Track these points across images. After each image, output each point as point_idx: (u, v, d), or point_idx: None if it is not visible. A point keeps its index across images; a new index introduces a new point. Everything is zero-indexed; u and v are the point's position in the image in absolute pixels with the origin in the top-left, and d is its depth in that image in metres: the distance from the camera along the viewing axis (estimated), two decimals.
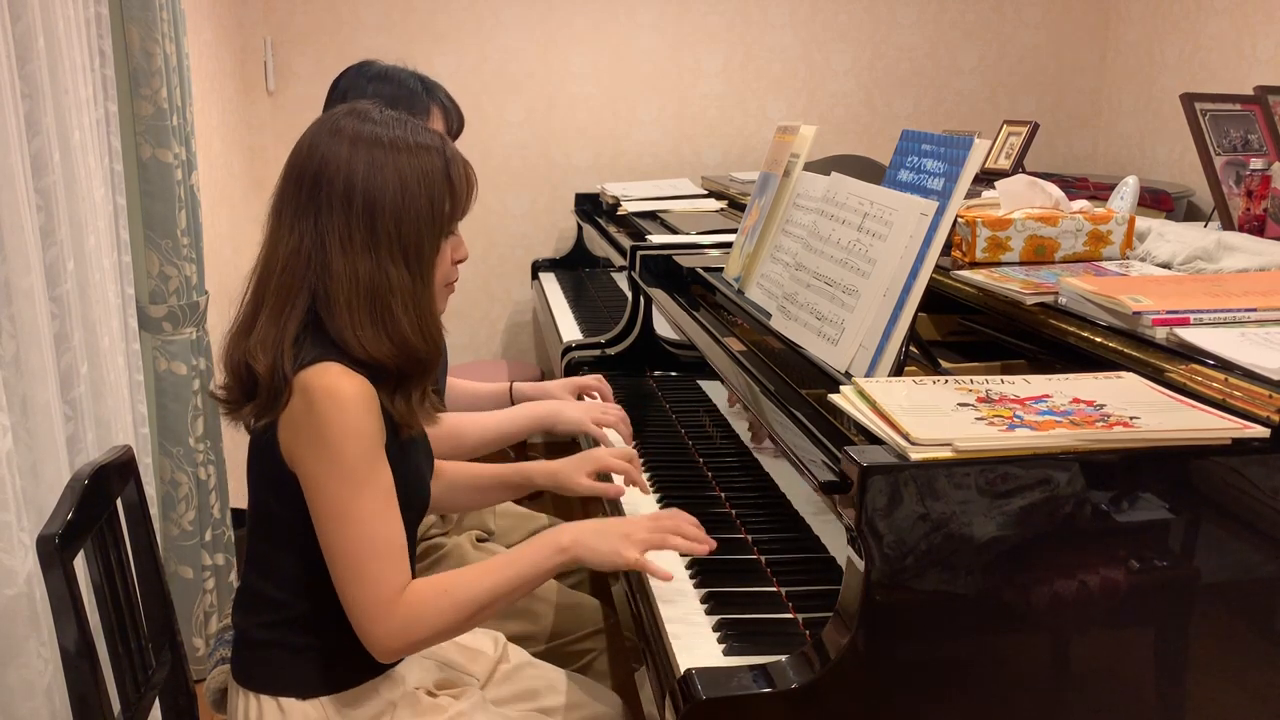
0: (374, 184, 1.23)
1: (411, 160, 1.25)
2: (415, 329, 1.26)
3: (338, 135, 1.25)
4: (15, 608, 1.62)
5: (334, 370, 1.21)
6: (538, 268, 3.73)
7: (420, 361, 1.28)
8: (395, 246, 1.24)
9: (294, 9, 3.57)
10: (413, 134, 1.27)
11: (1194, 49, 3.46)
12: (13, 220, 1.64)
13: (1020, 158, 3.19)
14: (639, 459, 1.67)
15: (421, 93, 1.79)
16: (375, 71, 1.81)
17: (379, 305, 1.24)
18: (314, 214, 1.24)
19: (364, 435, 1.21)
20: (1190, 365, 1.18)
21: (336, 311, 1.23)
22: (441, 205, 1.27)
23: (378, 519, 1.21)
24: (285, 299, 1.24)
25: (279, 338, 1.22)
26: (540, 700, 1.54)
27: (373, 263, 1.23)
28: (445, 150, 1.29)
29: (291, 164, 1.27)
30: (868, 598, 1.03)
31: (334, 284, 1.23)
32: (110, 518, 1.43)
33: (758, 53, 3.83)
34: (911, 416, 1.06)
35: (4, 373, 1.64)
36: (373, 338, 1.23)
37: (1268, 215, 1.70)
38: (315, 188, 1.24)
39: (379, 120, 1.27)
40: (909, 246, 1.31)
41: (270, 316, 1.24)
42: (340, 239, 1.23)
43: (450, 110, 1.81)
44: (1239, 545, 1.10)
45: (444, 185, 1.27)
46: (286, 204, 1.26)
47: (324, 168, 1.24)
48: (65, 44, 1.82)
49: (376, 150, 1.24)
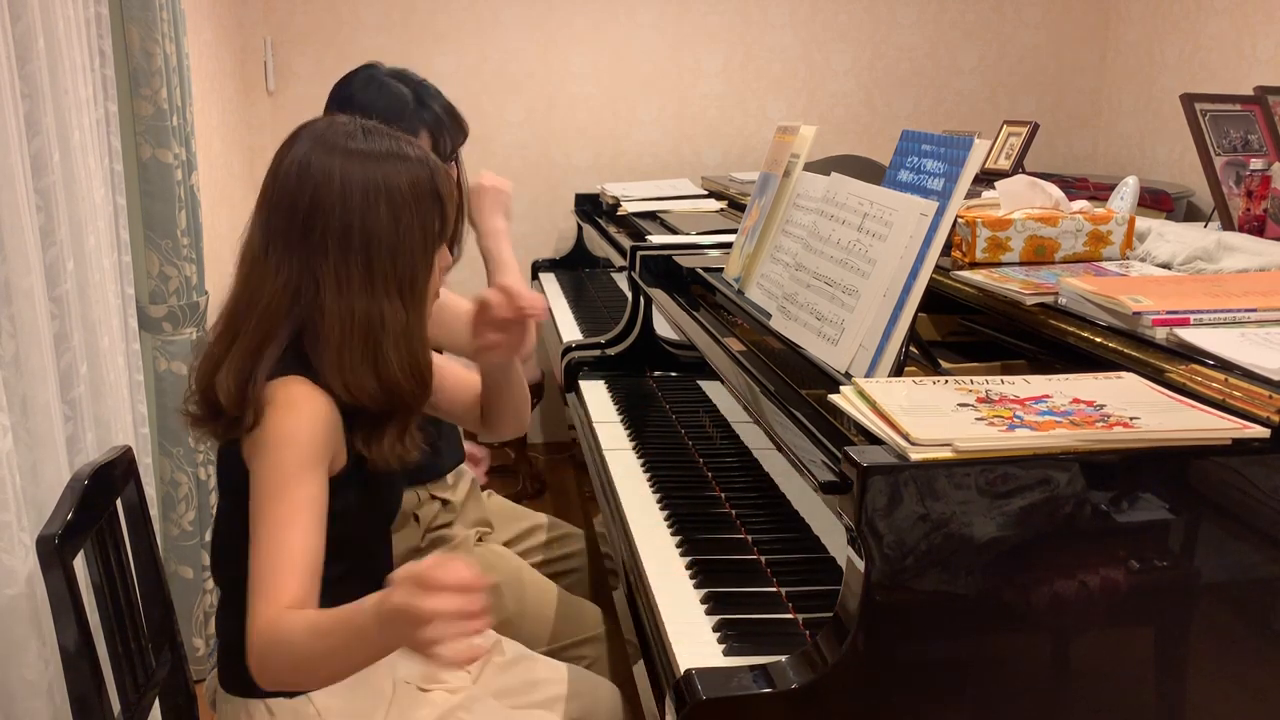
0: (369, 218, 1.20)
1: (403, 182, 1.21)
2: (404, 367, 1.23)
3: (328, 158, 1.20)
4: (15, 608, 1.62)
5: (299, 383, 1.19)
6: (538, 268, 3.73)
7: (405, 401, 1.25)
8: (391, 282, 1.21)
9: (294, 9, 3.57)
10: (399, 146, 1.24)
11: (1194, 49, 3.46)
12: (13, 220, 1.64)
13: (1020, 158, 3.19)
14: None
15: (412, 109, 1.72)
16: (367, 78, 1.76)
17: (371, 344, 1.21)
18: (305, 251, 1.20)
19: (301, 443, 1.17)
20: (1190, 365, 1.18)
21: (325, 351, 1.20)
22: (433, 225, 1.25)
23: (286, 528, 1.14)
24: (264, 335, 1.21)
25: (251, 368, 1.19)
26: (539, 693, 1.54)
27: (368, 301, 1.20)
28: (429, 161, 1.26)
29: (280, 191, 1.22)
30: (868, 598, 1.02)
31: (326, 324, 1.20)
32: (110, 518, 1.43)
33: (758, 53, 3.83)
34: (911, 417, 1.06)
35: (4, 373, 1.64)
36: (360, 378, 1.20)
37: (1268, 215, 1.70)
38: (309, 223, 1.20)
39: (366, 139, 1.23)
40: (909, 247, 1.31)
41: (246, 349, 1.20)
42: (337, 280, 1.20)
43: (443, 128, 1.75)
44: (1239, 545, 1.10)
45: (433, 203, 1.25)
46: (274, 236, 1.22)
47: (317, 200, 1.19)
48: (65, 44, 1.82)
49: (369, 175, 1.20)
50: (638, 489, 1.71)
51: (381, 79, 1.76)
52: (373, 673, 1.35)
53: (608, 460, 1.84)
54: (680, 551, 1.46)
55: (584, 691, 1.58)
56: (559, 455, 3.96)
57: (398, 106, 1.71)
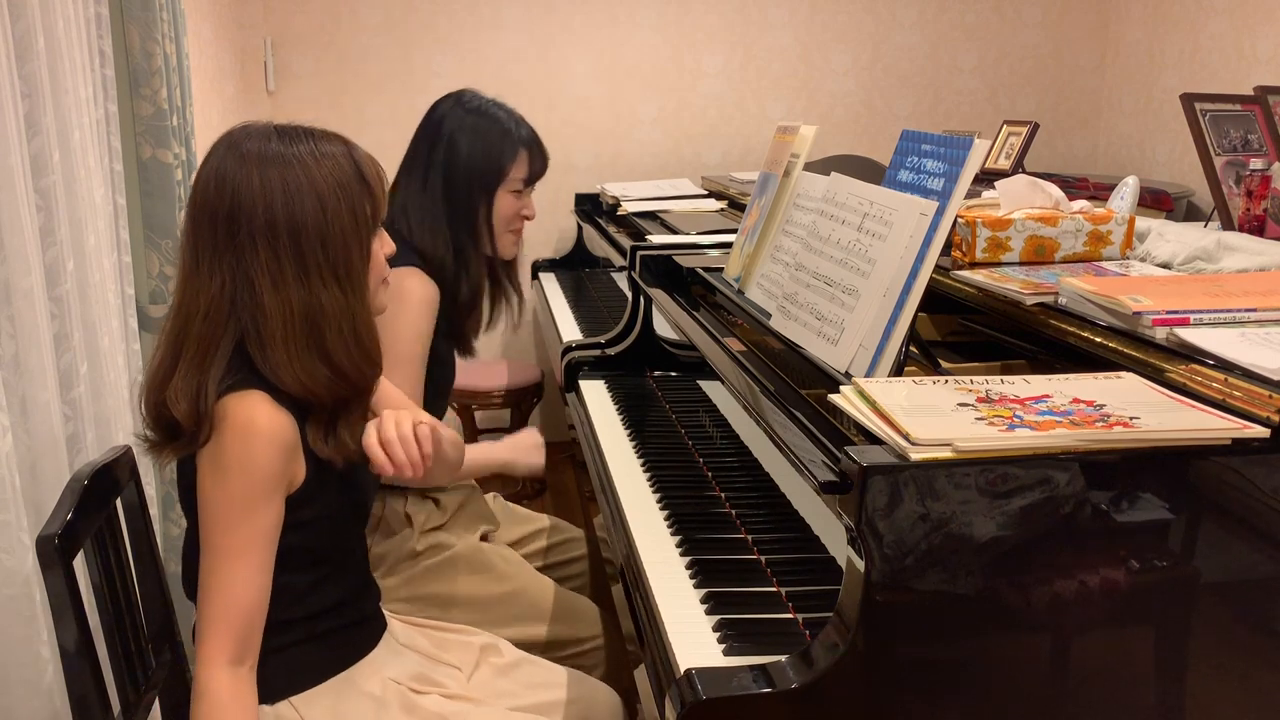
0: (294, 210, 1.19)
1: (324, 173, 1.21)
2: (351, 351, 1.23)
3: (243, 163, 1.20)
4: (15, 608, 1.62)
5: (257, 399, 1.19)
6: (538, 268, 3.73)
7: (357, 384, 1.26)
8: (326, 269, 1.21)
9: (294, 9, 3.57)
10: (316, 143, 1.24)
11: (1194, 49, 3.46)
12: (13, 220, 1.64)
13: (1020, 158, 3.19)
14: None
15: (518, 135, 1.83)
16: (473, 106, 1.85)
17: (315, 334, 1.21)
18: (234, 254, 1.20)
19: (257, 472, 1.18)
20: (1190, 365, 1.18)
21: (272, 348, 1.20)
22: (363, 210, 1.25)
23: (234, 567, 1.18)
24: (209, 345, 1.21)
25: (201, 382, 1.19)
26: (537, 696, 1.54)
27: (305, 291, 1.20)
28: (352, 151, 1.26)
29: (199, 203, 1.22)
30: (868, 598, 1.02)
31: (268, 322, 1.20)
32: (110, 518, 1.43)
33: (758, 53, 3.83)
34: (911, 416, 1.06)
35: (4, 373, 1.64)
36: (309, 370, 1.21)
37: (1268, 215, 1.70)
38: (232, 226, 1.19)
39: (280, 137, 1.23)
40: (909, 246, 1.31)
41: (192, 363, 1.20)
42: (270, 276, 1.19)
43: (540, 158, 1.86)
44: (1239, 545, 1.10)
45: (361, 188, 1.24)
46: (202, 247, 1.21)
47: (238, 203, 1.19)
48: (65, 44, 1.82)
49: (288, 171, 1.20)
50: (638, 489, 1.71)
51: (479, 99, 1.87)
52: (359, 673, 1.36)
53: (608, 460, 1.84)
54: (680, 551, 1.47)
55: (582, 695, 1.58)
56: (559, 455, 3.96)
57: (501, 125, 1.82)
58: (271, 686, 1.28)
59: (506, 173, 1.81)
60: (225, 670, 1.19)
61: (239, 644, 1.20)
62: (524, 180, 1.84)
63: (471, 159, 1.80)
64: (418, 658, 1.46)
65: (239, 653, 1.20)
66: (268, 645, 1.26)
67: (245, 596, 1.20)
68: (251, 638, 1.22)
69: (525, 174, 1.84)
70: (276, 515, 1.22)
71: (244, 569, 1.19)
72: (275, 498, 1.21)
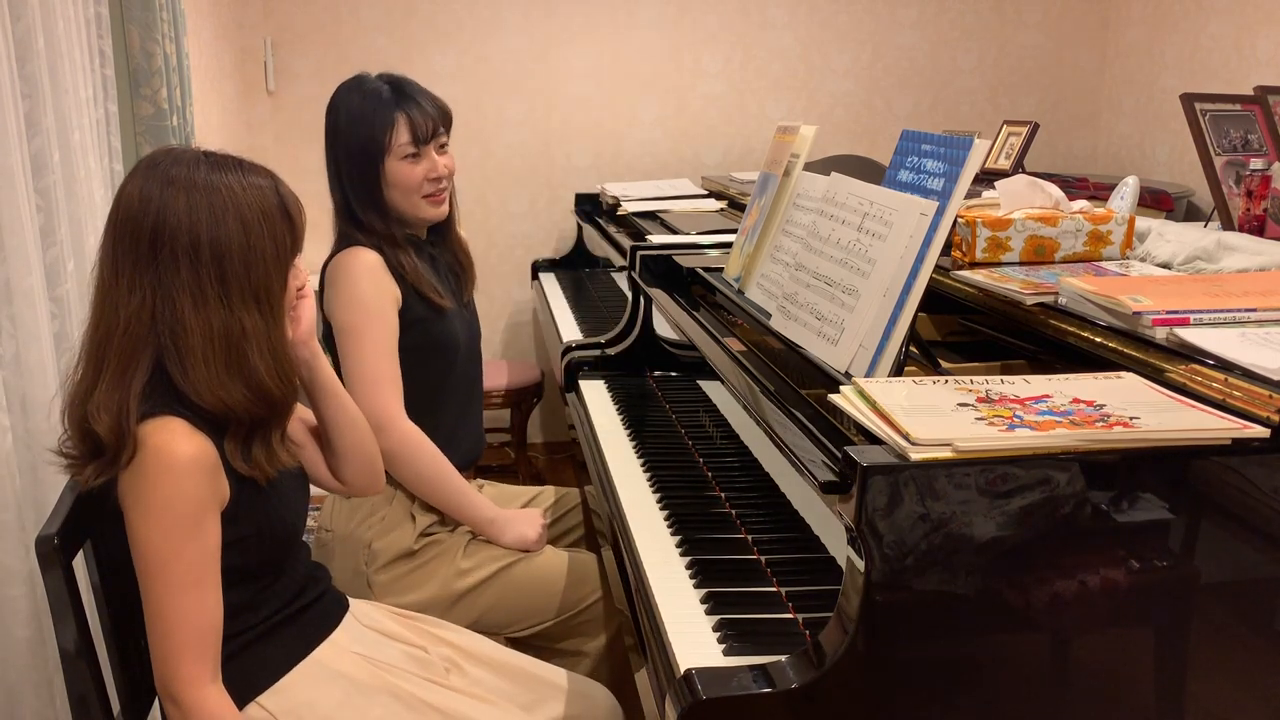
0: (218, 232, 1.21)
1: (249, 201, 1.23)
2: (271, 373, 1.25)
3: (171, 186, 1.21)
4: (15, 608, 1.62)
5: (175, 427, 1.20)
6: (538, 268, 3.73)
7: (276, 405, 1.27)
8: (248, 292, 1.23)
9: (294, 9, 3.57)
10: (244, 174, 1.26)
11: (1194, 49, 3.46)
12: (13, 220, 1.64)
13: (1020, 158, 3.19)
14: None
15: (389, 98, 1.80)
16: (351, 83, 1.84)
17: (235, 355, 1.23)
18: (155, 271, 1.21)
19: (186, 504, 1.19)
20: (1190, 365, 1.18)
21: (191, 366, 1.21)
22: (284, 241, 1.27)
23: (179, 596, 1.20)
24: (129, 359, 1.21)
25: (123, 398, 1.20)
26: (536, 695, 1.54)
27: (226, 313, 1.22)
28: (278, 185, 1.28)
29: (122, 218, 1.23)
30: (868, 598, 1.02)
31: (187, 340, 1.21)
32: (110, 518, 1.43)
33: (758, 53, 3.84)
34: (911, 416, 1.06)
35: (4, 373, 1.64)
36: (228, 388, 1.22)
37: (1268, 215, 1.70)
38: (156, 243, 1.21)
39: (208, 163, 1.25)
40: (909, 246, 1.31)
41: (114, 377, 1.21)
42: (192, 295, 1.21)
43: (423, 114, 1.81)
44: (1239, 545, 1.10)
45: (283, 220, 1.27)
46: (123, 261, 1.22)
47: (163, 220, 1.20)
48: (65, 44, 1.82)
49: (214, 196, 1.22)
50: (637, 488, 1.71)
51: (363, 79, 1.85)
52: (325, 655, 1.37)
53: (608, 460, 1.84)
54: (680, 551, 1.47)
55: (582, 695, 1.58)
56: (559, 455, 3.97)
57: (373, 99, 1.80)
58: (236, 691, 1.28)
59: (386, 143, 1.79)
60: (211, 688, 1.22)
61: (213, 661, 1.23)
62: (410, 143, 1.80)
63: (352, 139, 1.81)
64: (382, 638, 1.46)
65: (215, 669, 1.24)
66: (222, 653, 1.27)
67: (206, 619, 1.22)
68: (219, 653, 1.25)
69: (408, 137, 1.79)
70: (215, 535, 1.23)
71: (198, 596, 1.21)
72: (208, 519, 1.22)
